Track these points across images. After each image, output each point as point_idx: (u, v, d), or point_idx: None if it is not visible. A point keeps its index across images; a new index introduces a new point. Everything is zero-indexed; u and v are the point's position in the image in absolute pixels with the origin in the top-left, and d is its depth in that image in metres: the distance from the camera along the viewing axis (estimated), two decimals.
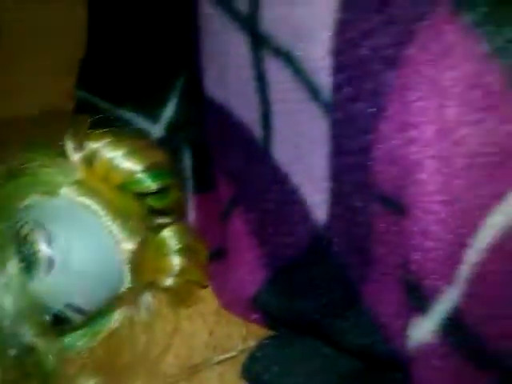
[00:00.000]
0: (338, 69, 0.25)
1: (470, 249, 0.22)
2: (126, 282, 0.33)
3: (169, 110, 0.44)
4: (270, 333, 0.38)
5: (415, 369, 0.25)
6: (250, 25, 0.32)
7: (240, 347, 0.37)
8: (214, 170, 0.43)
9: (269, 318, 0.36)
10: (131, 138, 0.33)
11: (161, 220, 0.36)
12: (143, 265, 0.33)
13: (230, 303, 0.38)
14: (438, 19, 0.20)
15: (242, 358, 0.36)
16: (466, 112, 0.20)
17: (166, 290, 0.36)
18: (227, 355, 0.37)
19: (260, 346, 0.36)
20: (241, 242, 0.38)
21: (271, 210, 0.37)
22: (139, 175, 0.32)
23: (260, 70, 0.33)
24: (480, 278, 0.23)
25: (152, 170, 0.33)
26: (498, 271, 0.22)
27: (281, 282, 0.35)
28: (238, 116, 0.38)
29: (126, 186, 0.33)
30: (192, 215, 0.44)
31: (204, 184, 0.44)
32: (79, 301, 0.31)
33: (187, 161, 0.45)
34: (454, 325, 0.24)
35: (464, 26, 0.19)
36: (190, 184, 0.45)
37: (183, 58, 0.43)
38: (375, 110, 0.23)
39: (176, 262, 0.35)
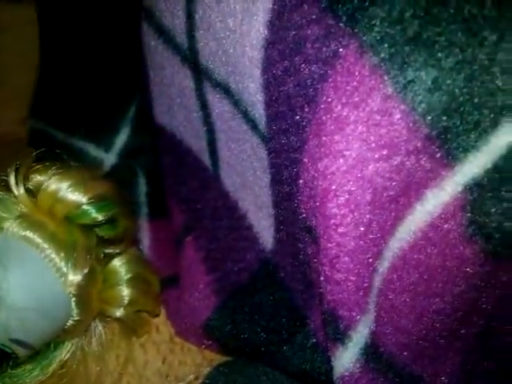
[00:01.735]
0: (269, 103, 0.26)
1: (376, 275, 0.23)
2: (74, 315, 0.33)
3: (121, 138, 0.44)
4: (225, 359, 0.38)
5: None
6: (191, 57, 0.32)
7: (194, 375, 0.37)
8: (168, 196, 0.43)
9: (220, 345, 0.36)
10: (77, 170, 0.34)
11: (110, 250, 0.36)
12: (91, 296, 0.33)
13: (184, 331, 0.38)
14: (349, 58, 0.21)
15: None
16: (370, 149, 0.21)
17: (118, 320, 0.36)
18: (181, 383, 0.37)
19: (211, 373, 0.36)
20: (193, 268, 0.38)
21: (222, 237, 0.38)
22: (84, 207, 0.33)
23: (203, 101, 0.34)
24: (387, 301, 0.23)
25: (98, 201, 0.33)
26: (401, 292, 0.23)
27: (230, 309, 0.35)
28: (188, 144, 0.38)
29: (71, 218, 0.33)
30: (146, 242, 0.44)
31: (158, 211, 0.44)
32: (24, 335, 0.31)
33: (142, 188, 0.45)
34: (373, 352, 0.24)
35: (370, 65, 0.20)
36: (144, 211, 0.45)
37: (134, 87, 0.43)
38: (300, 143, 0.24)
39: (126, 292, 0.35)
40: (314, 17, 0.22)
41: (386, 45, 0.20)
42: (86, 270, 0.32)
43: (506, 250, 0.21)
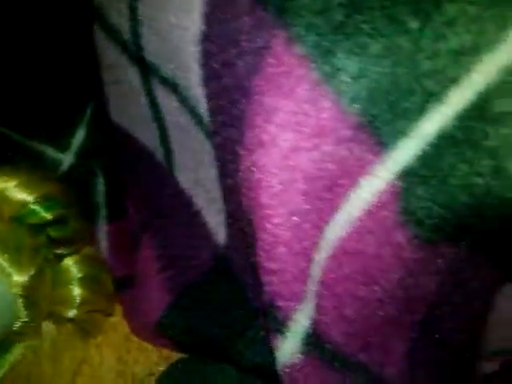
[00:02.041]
0: (210, 97, 0.26)
1: (313, 265, 0.23)
2: (22, 316, 0.32)
3: (78, 138, 0.44)
4: (181, 356, 0.38)
5: None
6: (137, 54, 0.32)
7: (149, 373, 0.37)
8: (125, 196, 0.43)
9: (175, 343, 0.36)
10: (24, 170, 0.33)
11: (61, 250, 0.35)
12: (40, 297, 0.33)
13: (139, 329, 0.38)
14: (278, 49, 0.21)
15: None
16: (300, 138, 0.21)
17: (71, 320, 0.36)
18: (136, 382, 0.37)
19: (167, 370, 0.36)
20: (147, 267, 0.38)
21: (177, 234, 0.38)
22: (32, 206, 0.32)
23: (152, 98, 0.34)
24: (328, 291, 0.24)
25: (45, 200, 0.33)
26: (341, 281, 0.24)
27: (183, 306, 0.35)
28: (143, 142, 0.38)
29: (19, 217, 0.32)
30: (104, 242, 0.44)
31: (117, 211, 0.44)
32: None
33: (100, 188, 0.45)
34: (316, 341, 0.24)
35: (298, 55, 0.20)
36: (103, 211, 0.45)
37: (90, 87, 0.43)
38: (238, 136, 0.24)
39: (77, 292, 0.35)
40: (246, 9, 0.22)
41: (312, 34, 0.20)
42: (32, 271, 0.32)
43: (438, 235, 0.22)
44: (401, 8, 0.19)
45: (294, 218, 0.22)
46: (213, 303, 0.34)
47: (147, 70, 0.32)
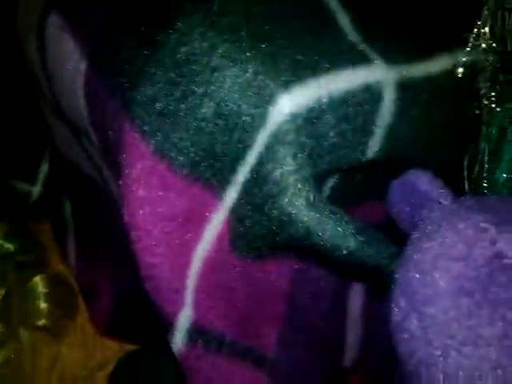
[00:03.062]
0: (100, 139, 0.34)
1: (189, 279, 0.31)
2: None
3: (43, 171, 0.52)
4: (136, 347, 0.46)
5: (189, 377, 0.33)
6: (61, 113, 0.40)
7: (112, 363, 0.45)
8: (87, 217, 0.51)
9: (129, 339, 0.45)
10: None
11: (28, 272, 0.44)
12: (13, 312, 0.42)
13: (100, 330, 0.47)
14: (127, 131, 0.28)
15: None
16: (148, 193, 0.29)
17: (42, 327, 0.44)
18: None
19: (122, 359, 0.44)
20: (101, 277, 0.47)
21: (118, 246, 0.46)
22: None
23: (83, 146, 0.41)
24: (203, 295, 0.31)
25: (9, 235, 0.41)
26: (212, 289, 0.31)
27: (127, 309, 0.43)
28: (85, 172, 0.46)
29: None
30: (73, 256, 0.52)
31: (82, 228, 0.53)
32: None
33: (68, 209, 0.53)
34: (198, 334, 0.32)
35: (139, 133, 0.28)
36: (71, 229, 0.53)
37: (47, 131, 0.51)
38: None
39: (43, 305, 0.43)
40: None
41: (147, 119, 0.28)
42: (3, 292, 0.40)
43: (260, 255, 0.30)
44: None
45: (165, 240, 0.29)
46: (146, 305, 0.42)
47: (72, 126, 0.40)
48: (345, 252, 0.27)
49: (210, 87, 0.27)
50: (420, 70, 0.30)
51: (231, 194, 0.29)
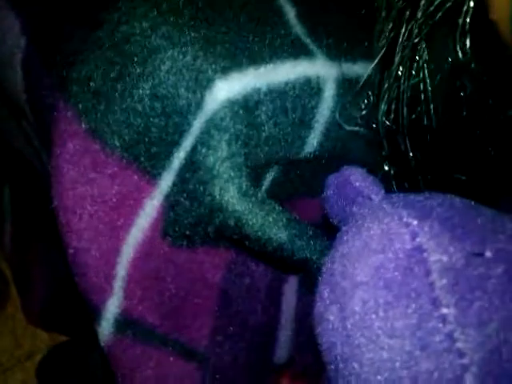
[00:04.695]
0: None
1: (119, 266, 0.30)
2: None
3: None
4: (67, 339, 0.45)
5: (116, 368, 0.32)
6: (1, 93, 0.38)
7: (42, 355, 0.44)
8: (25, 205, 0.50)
9: (58, 330, 0.43)
10: None
11: None
12: None
13: (32, 319, 0.45)
14: (62, 111, 0.27)
15: None
16: (79, 174, 0.28)
17: None
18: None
19: (52, 348, 0.43)
20: (33, 262, 0.45)
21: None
22: None
23: (24, 130, 0.40)
24: (133, 285, 0.30)
25: None
26: (143, 279, 0.30)
27: (59, 299, 0.42)
28: (29, 158, 0.45)
29: None
30: (8, 244, 0.50)
31: (19, 215, 0.51)
32: None
33: (6, 196, 0.52)
34: (127, 323, 0.31)
35: (73, 113, 0.27)
36: (8, 216, 0.52)
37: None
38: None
39: None
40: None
41: (82, 97, 0.27)
42: None
43: (193, 243, 0.29)
44: None
45: (100, 227, 0.29)
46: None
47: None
48: (275, 244, 0.27)
49: (147, 68, 0.26)
50: (361, 68, 0.30)
51: (166, 180, 0.28)
